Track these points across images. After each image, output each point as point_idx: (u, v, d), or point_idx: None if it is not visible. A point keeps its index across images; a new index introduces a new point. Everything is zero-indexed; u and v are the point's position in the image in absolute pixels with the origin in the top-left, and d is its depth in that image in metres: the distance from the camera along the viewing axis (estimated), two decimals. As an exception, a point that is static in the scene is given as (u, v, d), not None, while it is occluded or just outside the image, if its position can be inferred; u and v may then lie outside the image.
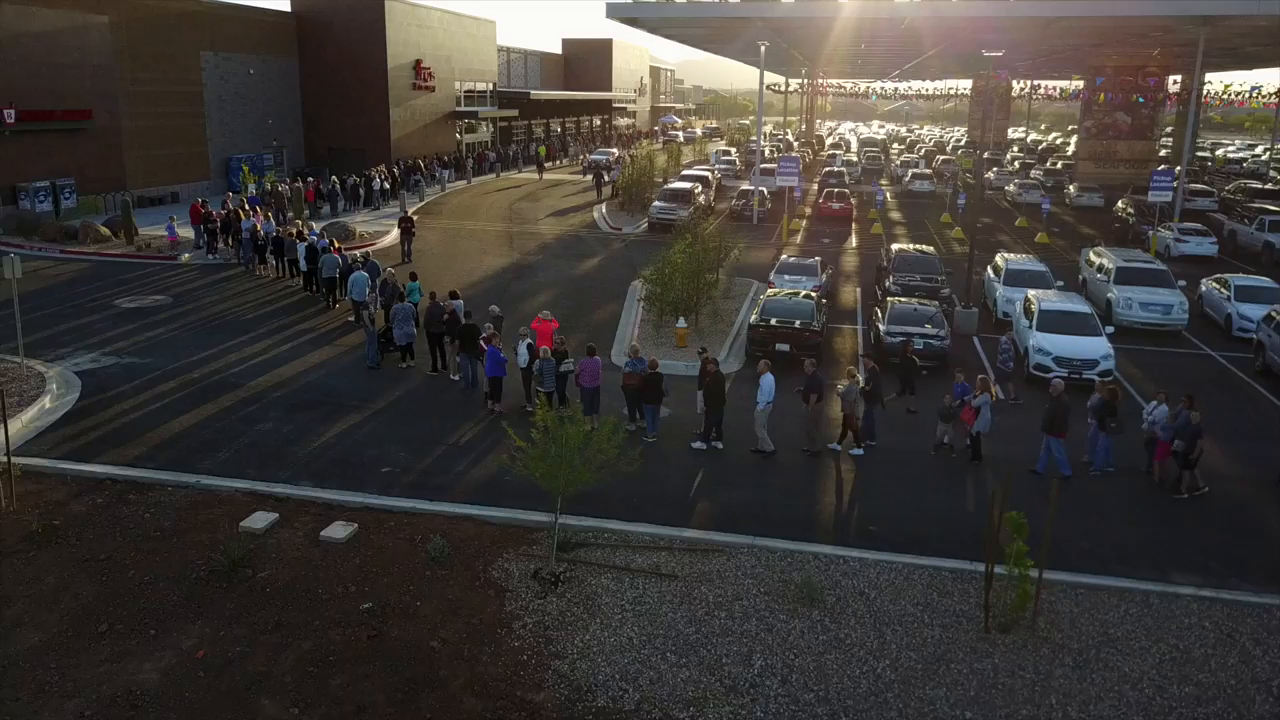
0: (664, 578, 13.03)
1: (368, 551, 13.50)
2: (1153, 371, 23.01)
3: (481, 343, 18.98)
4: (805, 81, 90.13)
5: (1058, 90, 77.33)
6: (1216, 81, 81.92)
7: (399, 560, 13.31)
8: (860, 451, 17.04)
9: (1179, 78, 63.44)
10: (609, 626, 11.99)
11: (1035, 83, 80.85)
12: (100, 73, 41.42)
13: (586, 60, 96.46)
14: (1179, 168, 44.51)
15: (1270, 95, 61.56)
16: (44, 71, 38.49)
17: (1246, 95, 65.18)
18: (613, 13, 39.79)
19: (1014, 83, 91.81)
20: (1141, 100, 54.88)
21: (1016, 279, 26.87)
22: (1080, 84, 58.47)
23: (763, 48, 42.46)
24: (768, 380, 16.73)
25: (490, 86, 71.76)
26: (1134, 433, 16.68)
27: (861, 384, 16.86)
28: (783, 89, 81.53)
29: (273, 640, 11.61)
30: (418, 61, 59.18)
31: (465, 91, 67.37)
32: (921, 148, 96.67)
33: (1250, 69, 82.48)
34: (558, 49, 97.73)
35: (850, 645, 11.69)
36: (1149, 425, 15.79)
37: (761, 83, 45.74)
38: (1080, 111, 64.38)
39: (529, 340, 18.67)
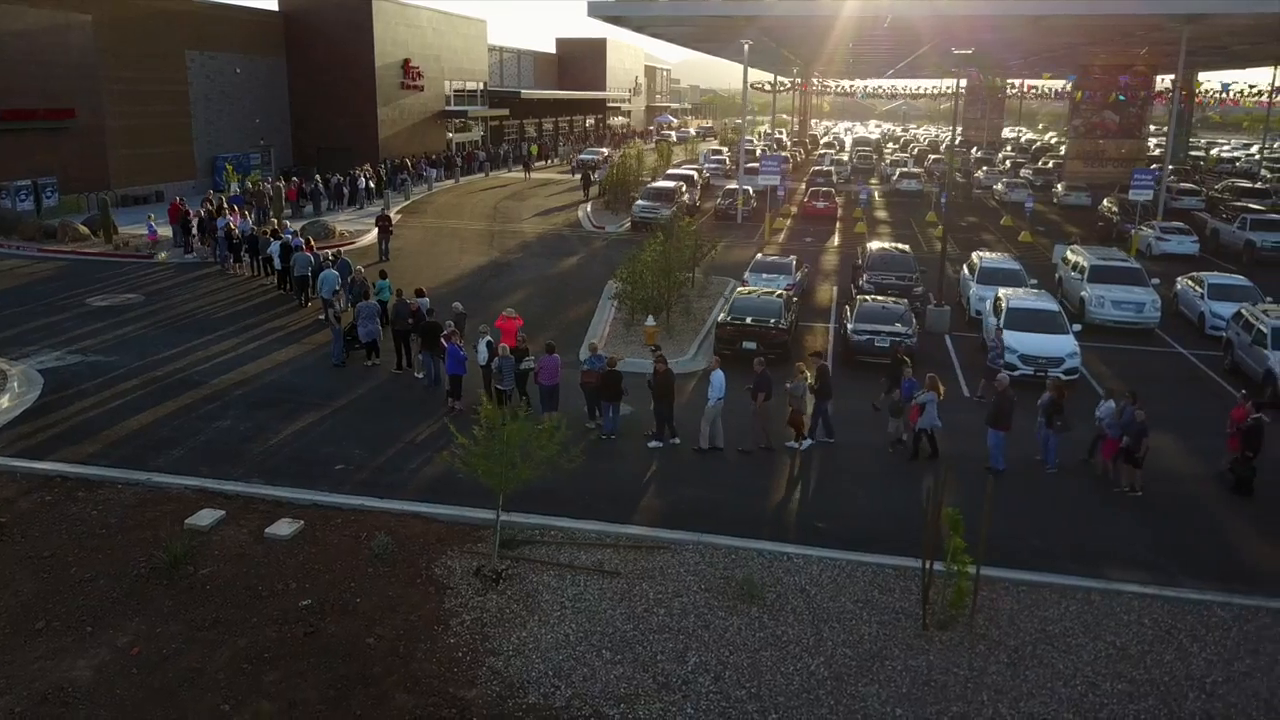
0: (606, 575, 13.01)
1: (311, 549, 13.48)
2: (1122, 370, 22.96)
3: (442, 340, 18.95)
4: (796, 81, 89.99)
5: (1042, 89, 77.24)
6: (1212, 81, 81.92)
7: (342, 557, 13.30)
8: (807, 444, 17.01)
9: (1170, 77, 63.24)
10: (547, 623, 11.97)
11: (1025, 82, 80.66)
12: (83, 72, 41.40)
13: (581, 60, 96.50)
14: (1167, 167, 44.43)
15: (1254, 93, 61.42)
16: (26, 70, 38.47)
17: (1237, 94, 64.95)
18: (594, 11, 39.79)
19: (1008, 81, 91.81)
20: (1123, 98, 54.81)
21: (991, 277, 26.85)
22: (1064, 83, 58.41)
23: (746, 46, 42.43)
24: (718, 377, 16.72)
25: (481, 86, 71.77)
26: (1091, 430, 16.67)
27: (810, 381, 16.82)
28: (771, 88, 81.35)
29: (209, 637, 11.60)
30: (406, 61, 59.19)
31: (455, 91, 67.40)
32: (915, 147, 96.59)
33: (1243, 68, 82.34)
34: (553, 49, 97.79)
35: (786, 642, 11.66)
36: (1098, 422, 15.78)
37: (745, 82, 45.71)
38: (1069, 110, 64.35)
39: (489, 338, 18.65)
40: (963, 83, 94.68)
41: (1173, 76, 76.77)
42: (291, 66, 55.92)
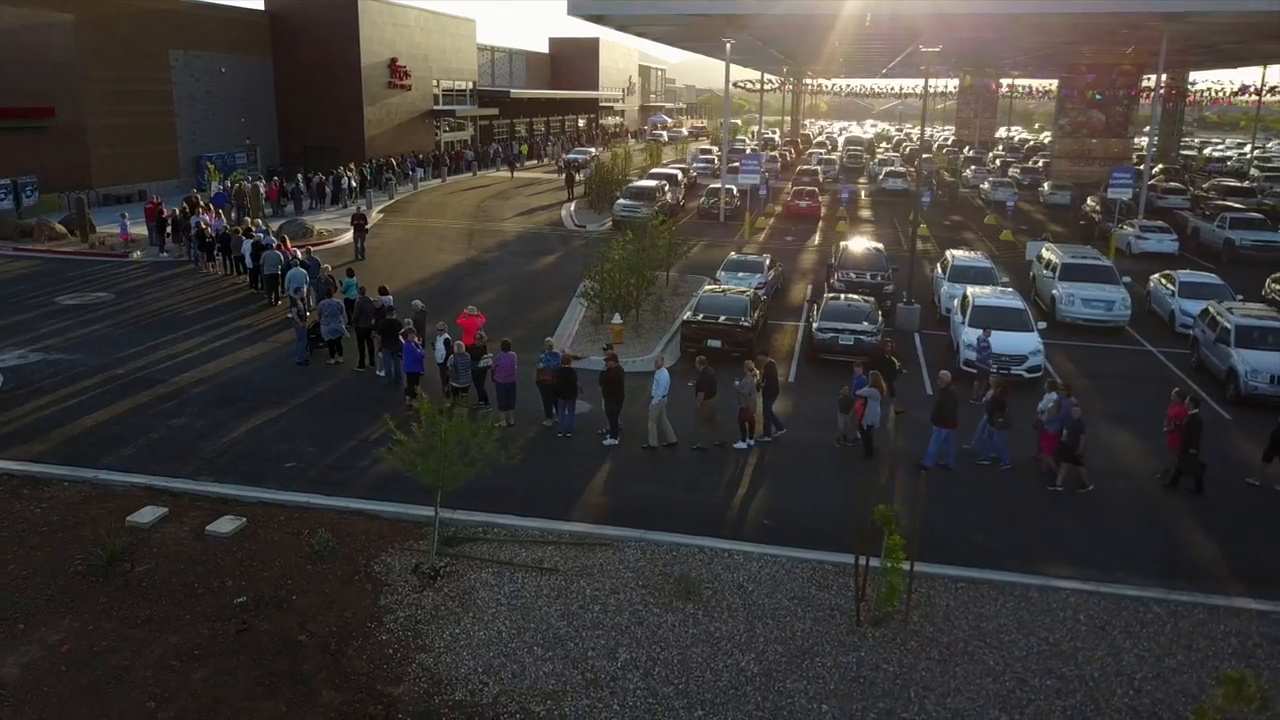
0: (545, 572, 12.99)
1: (251, 546, 13.46)
2: (1089, 367, 22.96)
3: (400, 338, 18.92)
4: (788, 80, 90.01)
5: (1023, 88, 77.29)
6: (1198, 81, 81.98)
7: (282, 554, 13.27)
8: (743, 446, 17.00)
9: (1160, 75, 63.22)
10: (481, 620, 11.94)
11: (1013, 81, 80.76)
12: (64, 71, 41.43)
13: (573, 59, 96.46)
14: (1148, 165, 44.41)
15: (1227, 92, 61.45)
16: (6, 69, 38.51)
17: (1217, 93, 65.03)
18: (574, 10, 39.73)
19: (1000, 81, 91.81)
20: (1099, 97, 54.72)
21: (962, 275, 26.81)
22: (1047, 83, 58.41)
23: (728, 45, 42.39)
24: (663, 375, 16.72)
25: (470, 85, 71.77)
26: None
27: (758, 380, 16.77)
28: (755, 87, 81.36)
29: (140, 635, 11.57)
30: (393, 60, 59.19)
31: (444, 90, 67.40)
32: (907, 147, 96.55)
33: (1234, 67, 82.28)
34: (546, 49, 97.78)
35: (719, 639, 11.63)
36: (1038, 416, 15.72)
37: (728, 81, 45.66)
38: (1055, 109, 64.34)
39: (445, 335, 18.61)
40: (952, 83, 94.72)
41: (1166, 75, 76.81)
42: (277, 66, 55.90)
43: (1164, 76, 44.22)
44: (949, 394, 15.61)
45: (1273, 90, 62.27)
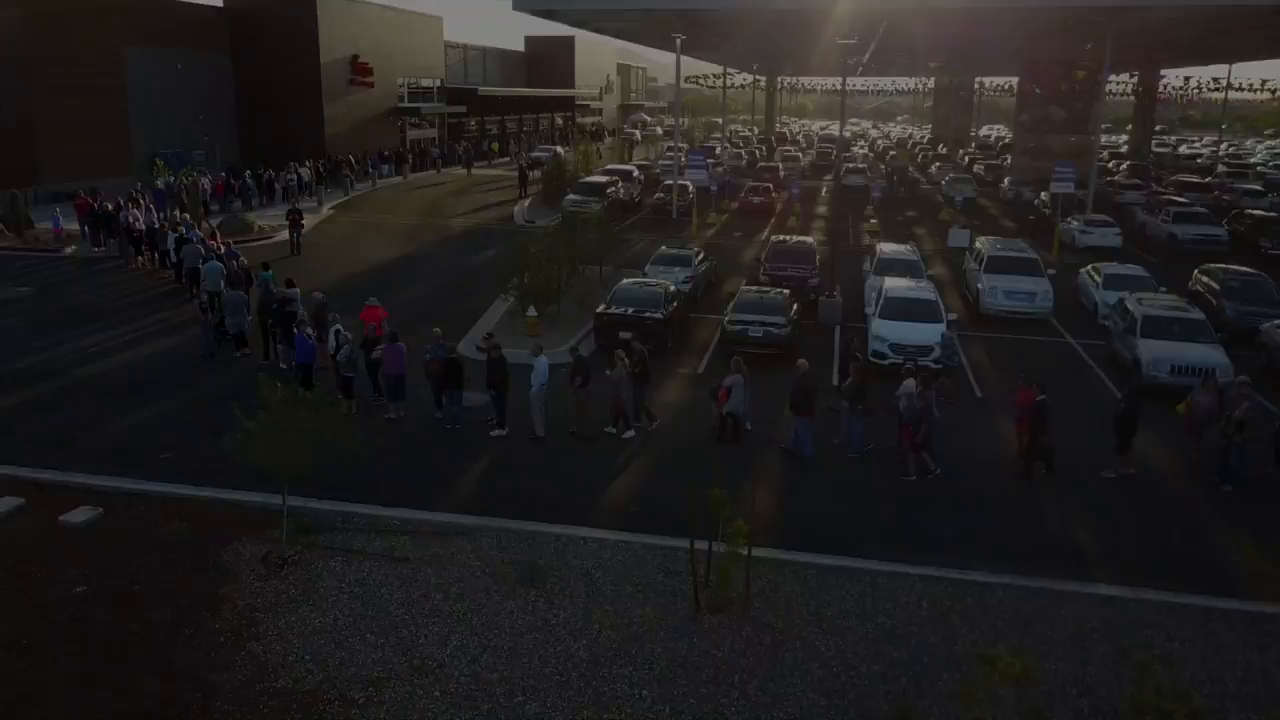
0: (395, 561, 12.91)
1: (104, 536, 13.36)
2: (1003, 359, 22.95)
3: (294, 329, 18.84)
4: (756, 77, 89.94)
5: (993, 84, 77.54)
6: (1168, 78, 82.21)
7: (133, 544, 13.18)
8: (631, 434, 16.94)
9: (1106, 72, 63.32)
10: (319, 609, 11.86)
11: (984, 79, 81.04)
12: (10, 66, 41.20)
13: (550, 58, 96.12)
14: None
15: (1192, 90, 61.71)
16: (-52, 65, 38.30)
17: (1194, 91, 65.30)
18: (520, 5, 39.59)
19: (975, 80, 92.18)
20: (1038, 90, 54.85)
21: (888, 268, 26.78)
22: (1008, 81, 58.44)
23: (678, 40, 42.32)
24: (541, 364, 16.64)
25: (438, 83, 71.57)
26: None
27: (629, 368, 16.69)
28: (718, 84, 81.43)
29: (-30, 625, 11.47)
30: (355, 57, 58.99)
31: (410, 88, 67.20)
32: (882, 144, 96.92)
33: (1204, 64, 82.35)
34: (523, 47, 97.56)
35: (554, 626, 11.57)
36: (895, 401, 15.63)
37: (678, 75, 45.60)
38: (1016, 106, 64.46)
39: (338, 326, 18.50)
40: (929, 81, 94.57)
41: (1137, 72, 77.05)
42: (237, 63, 55.66)
43: (1105, 71, 44.35)
44: (808, 382, 15.52)
45: (1260, 86, 62.68)
